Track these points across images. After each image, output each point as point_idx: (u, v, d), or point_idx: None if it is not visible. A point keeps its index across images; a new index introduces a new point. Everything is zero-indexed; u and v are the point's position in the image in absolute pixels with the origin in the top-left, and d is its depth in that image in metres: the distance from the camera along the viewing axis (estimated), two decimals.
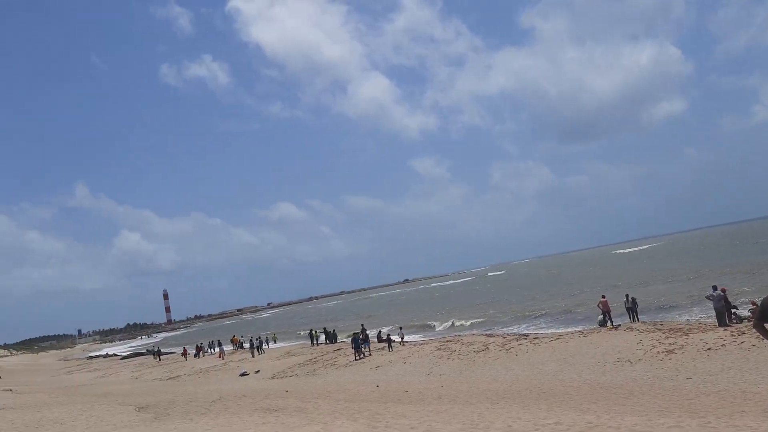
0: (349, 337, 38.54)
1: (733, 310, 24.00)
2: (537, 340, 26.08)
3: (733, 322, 22.76)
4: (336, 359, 31.02)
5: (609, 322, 27.74)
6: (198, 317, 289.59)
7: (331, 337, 43.26)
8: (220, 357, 45.05)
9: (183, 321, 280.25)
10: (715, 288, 24.29)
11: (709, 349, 18.54)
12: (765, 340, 6.71)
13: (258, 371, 31.75)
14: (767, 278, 39.78)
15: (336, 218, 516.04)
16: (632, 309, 28.63)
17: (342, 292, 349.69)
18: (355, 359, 29.19)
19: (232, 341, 53.70)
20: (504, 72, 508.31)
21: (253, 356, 41.05)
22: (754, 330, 7.03)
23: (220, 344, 49.06)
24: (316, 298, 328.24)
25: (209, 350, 52.37)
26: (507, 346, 25.70)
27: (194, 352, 52.49)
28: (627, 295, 29.57)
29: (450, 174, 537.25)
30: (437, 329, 45.62)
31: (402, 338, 34.85)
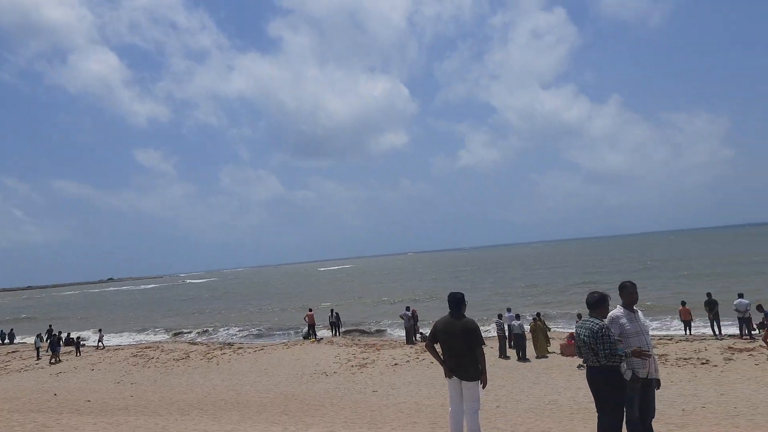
0: (32, 338, 33.85)
1: (420, 330, 26.61)
2: (241, 350, 25.82)
3: (418, 341, 25.26)
4: (9, 363, 26.86)
5: (313, 335, 28.71)
6: None
7: (8, 337, 37.60)
8: None
9: None
10: (408, 308, 26.75)
11: (396, 364, 20.20)
12: (434, 359, 7.30)
13: None
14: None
15: (34, 201, 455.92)
16: (336, 324, 30.05)
17: (30, 287, 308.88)
18: (36, 363, 25.57)
19: None
20: (246, 76, 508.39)
21: None
22: (426, 349, 7.66)
23: None
24: None
25: None
26: (210, 355, 24.97)
27: None
28: (332, 310, 31.00)
29: (176, 171, 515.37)
30: (137, 336, 42.52)
31: (101, 340, 31.91)
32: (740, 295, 21.90)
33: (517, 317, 21.62)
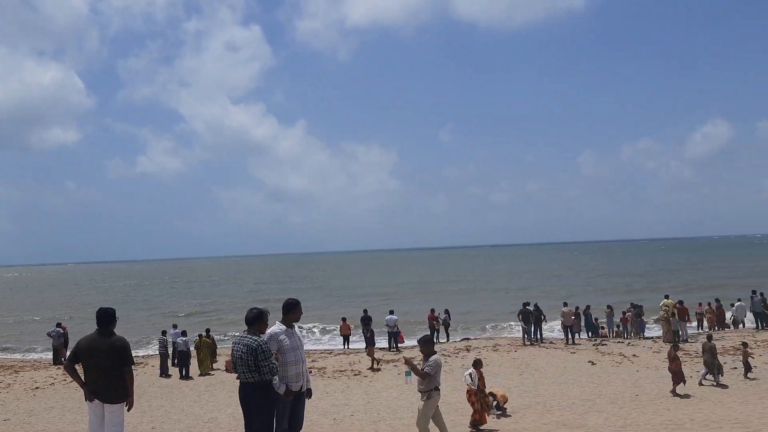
0: None
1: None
2: None
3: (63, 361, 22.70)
4: None
5: None
6: None
7: None
8: None
9: None
10: (59, 324, 24.00)
11: (37, 388, 17.76)
12: (75, 381, 6.45)
13: None
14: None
15: None
16: None
17: None
18: None
19: None
20: None
21: None
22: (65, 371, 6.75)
23: None
24: None
25: None
26: None
27: None
28: None
29: None
30: None
31: None
32: (391, 312, 24.56)
33: (184, 333, 20.77)
